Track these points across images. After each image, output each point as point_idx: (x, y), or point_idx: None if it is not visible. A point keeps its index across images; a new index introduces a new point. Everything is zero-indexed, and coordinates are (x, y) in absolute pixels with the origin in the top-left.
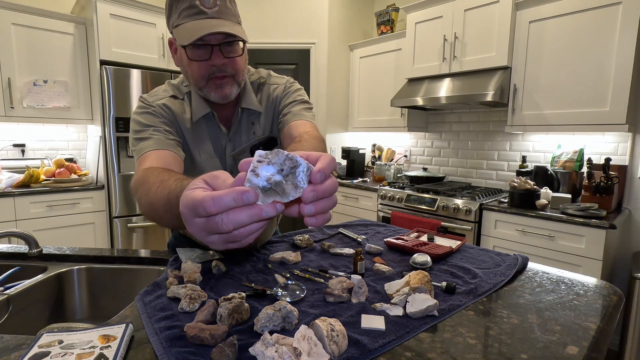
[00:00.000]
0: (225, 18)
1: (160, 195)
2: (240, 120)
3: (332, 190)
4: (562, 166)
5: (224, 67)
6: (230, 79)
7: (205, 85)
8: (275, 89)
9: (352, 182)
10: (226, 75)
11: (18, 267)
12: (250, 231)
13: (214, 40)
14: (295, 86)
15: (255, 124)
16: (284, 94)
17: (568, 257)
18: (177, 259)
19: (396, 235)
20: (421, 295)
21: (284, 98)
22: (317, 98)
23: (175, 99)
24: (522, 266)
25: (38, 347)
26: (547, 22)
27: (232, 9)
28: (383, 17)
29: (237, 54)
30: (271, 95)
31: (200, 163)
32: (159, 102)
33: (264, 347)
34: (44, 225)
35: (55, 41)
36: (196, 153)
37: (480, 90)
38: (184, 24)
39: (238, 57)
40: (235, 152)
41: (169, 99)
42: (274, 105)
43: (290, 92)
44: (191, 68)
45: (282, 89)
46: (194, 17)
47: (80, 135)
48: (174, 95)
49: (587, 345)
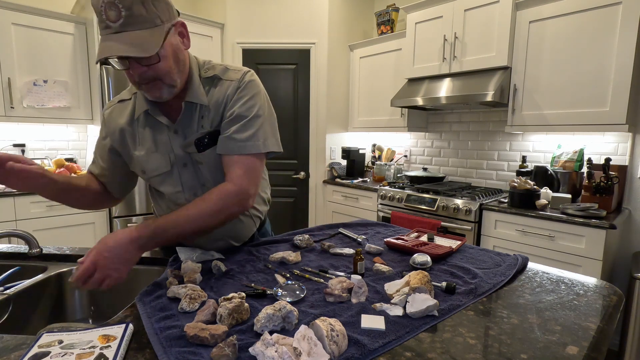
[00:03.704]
0: (132, 29)
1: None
2: (186, 113)
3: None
4: (562, 166)
5: (145, 75)
6: (159, 82)
7: (140, 88)
8: (229, 85)
9: (352, 182)
10: (151, 80)
11: (18, 267)
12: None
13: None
14: (248, 87)
15: (205, 118)
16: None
17: (568, 257)
18: (177, 259)
19: (396, 235)
20: (421, 295)
21: (232, 102)
22: (317, 98)
23: (122, 102)
24: (522, 266)
25: (38, 347)
26: (547, 22)
27: (145, 14)
28: (383, 17)
29: (154, 61)
30: (223, 91)
31: (138, 158)
32: (106, 112)
33: (264, 347)
34: (44, 225)
35: (55, 41)
36: (133, 149)
37: (480, 90)
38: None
39: (155, 64)
40: (183, 143)
41: (115, 105)
42: (224, 103)
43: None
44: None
45: (234, 89)
46: (103, 31)
47: (80, 135)
48: (122, 100)
49: (587, 345)
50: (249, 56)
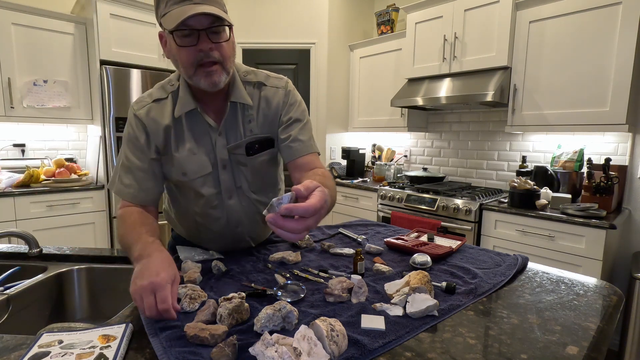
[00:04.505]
0: (211, 4)
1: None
2: (231, 115)
3: (290, 229)
4: (562, 166)
5: (212, 53)
6: (219, 66)
7: (195, 74)
8: (276, 93)
9: (352, 182)
10: (214, 62)
11: (18, 267)
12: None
13: (200, 25)
14: (295, 94)
15: (252, 122)
16: (284, 102)
17: (568, 257)
18: (177, 259)
19: (396, 235)
20: (421, 295)
21: (286, 108)
22: (317, 98)
23: (158, 102)
24: (522, 266)
25: (38, 347)
26: (547, 22)
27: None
28: (383, 17)
29: (224, 39)
30: (271, 99)
31: (179, 159)
32: (141, 111)
33: (264, 347)
34: (44, 225)
35: (55, 41)
36: (175, 150)
37: (480, 90)
38: (171, 11)
39: (225, 42)
40: (230, 146)
41: (151, 105)
42: (274, 111)
43: (292, 104)
44: (180, 55)
45: (283, 96)
46: (180, 3)
47: (80, 135)
48: (157, 99)
49: (587, 345)
50: (249, 56)
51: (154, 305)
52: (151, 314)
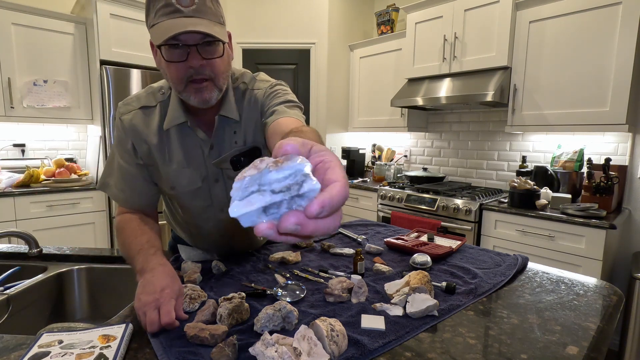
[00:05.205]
0: (203, 17)
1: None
2: (220, 128)
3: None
4: (562, 166)
5: (202, 70)
6: (210, 82)
7: (184, 90)
8: (257, 93)
9: (352, 182)
10: (205, 79)
11: (18, 267)
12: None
13: (191, 40)
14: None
15: (237, 133)
16: (265, 96)
17: (568, 257)
18: (177, 259)
19: (396, 235)
20: (421, 295)
21: (267, 99)
22: (317, 98)
23: (145, 109)
24: (522, 266)
25: (38, 347)
26: (547, 22)
27: (213, 8)
28: (383, 17)
29: (217, 55)
30: (252, 101)
31: (168, 173)
32: (126, 117)
33: (264, 347)
34: (44, 225)
35: (55, 41)
36: (162, 163)
37: (480, 90)
38: (160, 23)
39: (218, 58)
40: (216, 161)
41: (137, 111)
42: (256, 111)
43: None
44: (169, 70)
45: (263, 93)
46: (170, 15)
47: (80, 135)
48: (144, 106)
49: (587, 345)
50: (249, 56)
51: (157, 321)
52: (152, 330)
